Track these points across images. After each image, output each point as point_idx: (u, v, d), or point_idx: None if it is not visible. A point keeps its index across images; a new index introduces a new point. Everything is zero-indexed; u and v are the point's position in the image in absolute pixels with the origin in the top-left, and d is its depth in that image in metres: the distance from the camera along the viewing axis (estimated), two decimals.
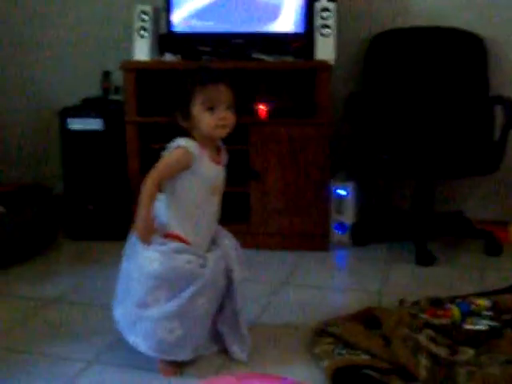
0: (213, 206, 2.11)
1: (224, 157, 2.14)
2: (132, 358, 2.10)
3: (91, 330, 2.33)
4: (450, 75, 3.28)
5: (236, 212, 3.11)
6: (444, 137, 3.15)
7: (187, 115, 2.00)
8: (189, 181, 2.02)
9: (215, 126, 1.99)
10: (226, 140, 2.14)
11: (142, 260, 2.01)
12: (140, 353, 2.08)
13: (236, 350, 2.12)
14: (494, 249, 3.11)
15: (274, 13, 3.17)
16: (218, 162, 2.09)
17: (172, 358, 2.02)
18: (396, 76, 3.30)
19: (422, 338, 2.05)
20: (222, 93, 1.99)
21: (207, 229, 2.11)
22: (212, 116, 1.98)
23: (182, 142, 2.00)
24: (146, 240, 1.97)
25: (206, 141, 2.03)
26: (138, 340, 2.01)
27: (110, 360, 2.12)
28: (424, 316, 2.23)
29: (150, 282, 1.98)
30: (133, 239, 2.07)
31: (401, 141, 3.14)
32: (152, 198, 1.96)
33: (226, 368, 2.07)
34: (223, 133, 2.03)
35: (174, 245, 2.01)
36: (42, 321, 2.43)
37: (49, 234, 3.27)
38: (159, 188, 1.99)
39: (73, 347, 2.20)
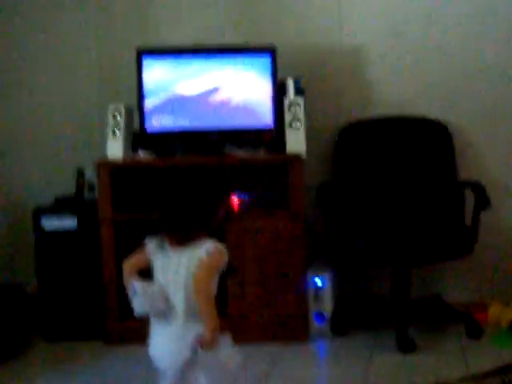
0: None
1: None
2: None
3: None
4: (419, 162, 3.36)
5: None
6: (417, 223, 3.19)
7: None
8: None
9: None
10: None
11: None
12: None
13: None
14: (474, 331, 3.10)
15: (244, 108, 3.24)
16: None
17: None
18: (366, 165, 3.37)
19: None
20: None
21: None
22: None
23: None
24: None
25: None
26: None
27: None
28: None
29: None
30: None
31: (375, 228, 3.17)
32: None
33: None
34: None
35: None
36: None
37: (23, 336, 3.20)
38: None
39: None
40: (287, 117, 3.13)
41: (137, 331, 2.34)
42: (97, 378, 2.83)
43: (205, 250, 1.97)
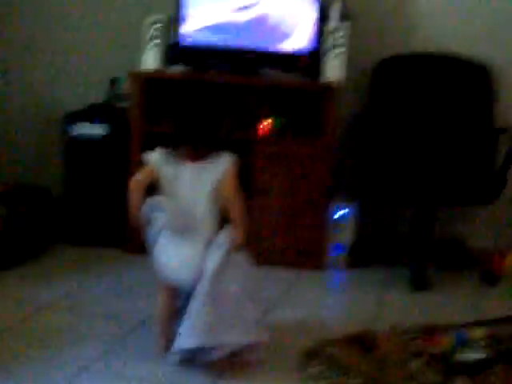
0: None
1: None
2: (122, 369, 2.10)
3: (83, 337, 2.31)
4: (456, 102, 3.28)
5: None
6: (446, 164, 3.14)
7: None
8: None
9: None
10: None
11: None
12: (130, 363, 2.08)
13: None
14: (490, 278, 3.10)
15: (285, 30, 3.18)
16: None
17: None
18: (401, 101, 3.31)
19: (417, 365, 2.04)
20: None
21: None
22: None
23: None
24: None
25: None
26: None
27: (100, 369, 2.10)
28: (419, 343, 2.22)
29: None
30: None
31: (403, 166, 3.13)
32: None
33: None
34: None
35: None
36: (34, 325, 2.42)
37: (47, 237, 3.26)
38: None
39: (64, 353, 2.18)
40: (328, 43, 3.06)
41: None
42: (115, 282, 2.89)
43: (228, 161, 2.07)
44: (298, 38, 3.17)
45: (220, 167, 2.08)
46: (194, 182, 2.08)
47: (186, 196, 2.08)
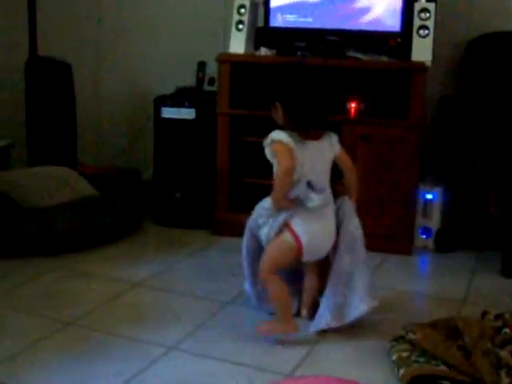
0: None
1: None
2: (210, 348, 2.15)
3: (172, 317, 2.38)
4: None
5: None
6: None
7: None
8: None
9: None
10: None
11: None
12: (218, 343, 2.13)
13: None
14: None
15: (371, 11, 3.13)
16: None
17: None
18: (491, 81, 3.20)
19: (505, 354, 1.99)
20: None
21: None
22: None
23: None
24: None
25: None
26: None
27: (189, 348, 2.16)
28: (507, 331, 2.16)
29: None
30: None
31: (494, 147, 3.04)
32: None
33: (299, 368, 2.08)
34: None
35: None
36: (124, 304, 2.51)
37: (136, 219, 3.37)
38: None
39: (153, 332, 2.26)
40: (416, 23, 3.00)
41: (244, 224, 2.41)
42: (203, 263, 2.96)
43: (336, 137, 2.29)
44: (386, 18, 3.11)
45: (335, 144, 2.28)
46: (318, 159, 2.24)
47: (315, 172, 2.22)
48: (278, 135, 2.19)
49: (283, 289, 2.25)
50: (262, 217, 2.29)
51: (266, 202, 2.28)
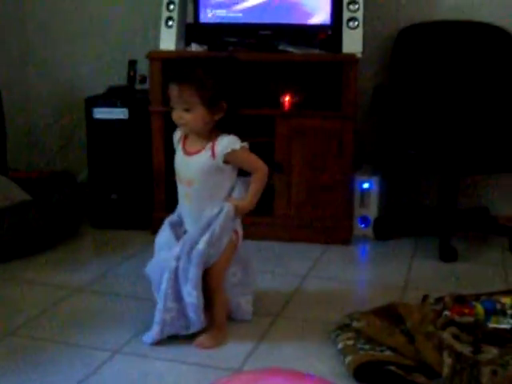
0: (187, 197, 2.17)
1: (209, 150, 2.09)
2: (156, 349, 2.12)
3: (116, 320, 2.34)
4: (478, 70, 3.24)
5: (260, 204, 3.11)
6: (471, 133, 3.12)
7: None
8: None
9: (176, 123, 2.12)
10: (251, 132, 2.15)
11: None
12: (164, 344, 2.11)
13: None
14: None
15: (301, 4, 3.15)
16: (188, 152, 2.14)
17: None
18: (423, 70, 3.28)
19: (446, 336, 2.03)
20: (176, 94, 2.04)
21: (189, 221, 2.19)
22: (173, 113, 2.09)
23: None
24: None
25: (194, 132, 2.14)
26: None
27: (135, 350, 2.13)
28: (448, 313, 2.21)
29: None
30: None
31: (427, 136, 3.11)
32: None
33: (247, 363, 2.08)
34: (183, 130, 2.15)
35: None
36: (66, 309, 2.45)
37: (73, 222, 3.29)
38: None
39: (97, 337, 2.22)
40: (345, 15, 3.03)
41: None
42: (142, 264, 2.88)
43: None
44: (316, 11, 3.14)
45: None
46: None
47: None
48: (237, 140, 2.09)
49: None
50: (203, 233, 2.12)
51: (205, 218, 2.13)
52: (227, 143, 2.09)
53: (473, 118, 3.19)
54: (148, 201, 3.28)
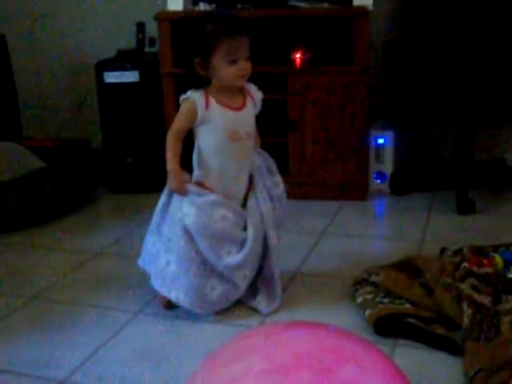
0: (236, 154, 2.08)
1: (250, 101, 2.10)
2: (176, 310, 2.14)
3: (135, 282, 2.35)
4: (493, 20, 3.17)
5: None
6: (486, 83, 3.06)
7: (207, 64, 2.00)
8: (203, 130, 2.05)
9: (236, 77, 2.00)
10: (263, 89, 2.14)
11: (180, 215, 2.03)
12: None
13: (262, 303, 2.13)
14: None
15: None
16: (234, 108, 2.06)
17: (208, 312, 2.08)
18: (436, 21, 3.20)
19: (465, 287, 2.03)
20: (244, 45, 1.99)
21: (236, 179, 2.10)
22: (233, 67, 1.98)
23: (187, 93, 2.04)
24: (181, 190, 2.03)
25: (223, 88, 2.04)
26: (180, 295, 2.05)
27: (155, 311, 2.15)
28: (466, 265, 2.21)
29: (187, 237, 2.01)
30: (166, 198, 2.12)
31: (442, 87, 3.06)
32: (175, 150, 2.06)
33: (267, 319, 2.09)
34: (242, 82, 2.05)
35: (211, 198, 2.03)
36: (87, 273, 2.48)
37: (88, 188, 3.31)
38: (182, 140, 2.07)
39: (118, 299, 2.24)
40: None
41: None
42: None
43: (181, 99, 2.10)
44: None
45: None
46: None
47: None
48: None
49: None
50: None
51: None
52: (256, 89, 2.13)
53: (488, 68, 3.13)
54: (163, 163, 3.27)
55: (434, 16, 3.21)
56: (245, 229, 2.09)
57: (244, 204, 2.12)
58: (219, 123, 2.04)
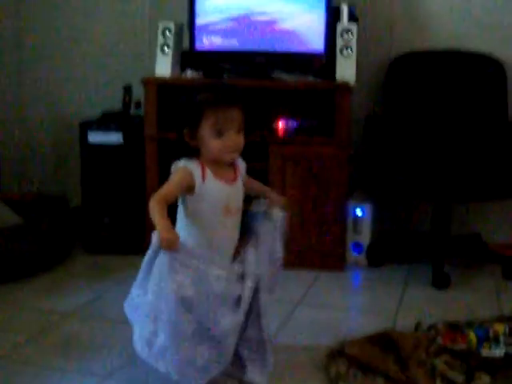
0: (227, 228, 1.99)
1: (239, 173, 2.03)
2: (146, 375, 2.10)
3: (107, 345, 2.32)
4: (470, 98, 3.27)
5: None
6: (462, 160, 3.14)
7: (195, 135, 1.92)
8: (195, 202, 1.93)
9: (220, 151, 1.91)
10: (245, 157, 2.14)
11: (175, 287, 1.84)
12: (155, 370, 2.08)
13: (256, 374, 2.03)
14: (511, 273, 3.08)
15: (296, 32, 3.18)
16: (229, 180, 1.97)
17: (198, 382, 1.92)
18: (415, 98, 3.31)
19: (439, 363, 2.03)
20: (233, 117, 1.90)
21: (225, 251, 2.01)
22: (220, 141, 1.90)
23: (182, 162, 1.94)
24: (172, 241, 1.82)
25: (213, 161, 1.94)
26: (169, 367, 1.89)
27: (124, 376, 2.11)
28: (441, 341, 2.21)
29: (183, 309, 1.86)
30: (153, 253, 1.95)
31: (417, 163, 3.13)
32: (161, 211, 1.84)
33: None
34: (231, 157, 1.96)
35: (203, 256, 1.90)
36: (57, 334, 2.44)
37: (65, 247, 3.29)
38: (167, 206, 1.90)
39: (88, 362, 2.20)
40: (339, 43, 3.07)
41: None
42: None
43: (173, 167, 1.97)
44: (310, 39, 3.18)
45: None
46: None
47: None
48: None
49: None
50: None
51: None
52: (241, 160, 2.04)
53: (465, 146, 3.21)
54: (141, 226, 3.28)
55: (414, 95, 3.31)
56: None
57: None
58: (215, 197, 1.93)
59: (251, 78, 3.16)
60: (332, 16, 3.14)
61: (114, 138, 3.29)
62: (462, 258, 3.30)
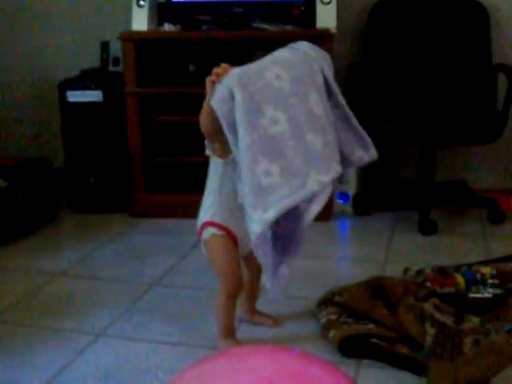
0: None
1: None
2: (138, 331, 2.12)
3: (98, 303, 2.33)
4: (453, 43, 3.24)
5: None
6: (447, 105, 3.13)
7: None
8: None
9: None
10: None
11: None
12: (147, 325, 2.10)
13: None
14: (497, 217, 3.11)
15: None
16: None
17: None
18: (398, 44, 3.27)
19: (428, 307, 2.05)
20: None
21: None
22: None
23: None
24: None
25: None
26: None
27: (117, 333, 2.12)
28: (429, 285, 2.23)
29: None
30: None
31: (403, 109, 3.12)
32: None
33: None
34: None
35: None
36: (48, 295, 2.44)
37: (51, 208, 3.27)
38: None
39: (80, 321, 2.21)
40: None
41: (161, 204, 2.38)
42: (123, 246, 2.90)
43: None
44: None
45: None
46: None
47: None
48: None
49: None
50: None
51: None
52: None
53: (448, 91, 3.20)
54: (126, 183, 3.26)
55: (397, 40, 3.27)
56: None
57: None
58: None
59: (230, 29, 3.11)
60: None
61: (94, 96, 3.24)
62: (448, 204, 3.32)
